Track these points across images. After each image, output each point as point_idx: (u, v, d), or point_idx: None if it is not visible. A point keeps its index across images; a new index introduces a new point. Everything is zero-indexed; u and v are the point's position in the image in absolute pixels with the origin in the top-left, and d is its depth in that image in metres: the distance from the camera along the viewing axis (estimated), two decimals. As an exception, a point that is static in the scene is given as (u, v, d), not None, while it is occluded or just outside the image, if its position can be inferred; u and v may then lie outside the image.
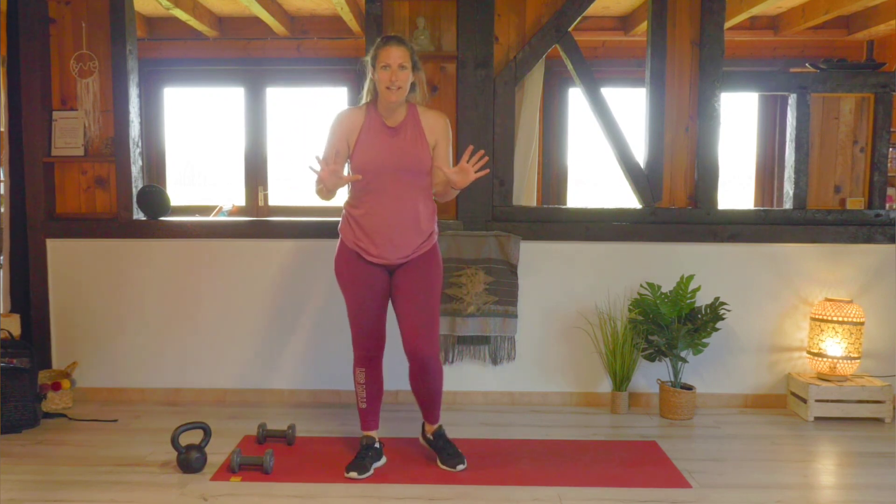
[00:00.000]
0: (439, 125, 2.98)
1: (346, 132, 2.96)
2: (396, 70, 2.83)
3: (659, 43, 3.83)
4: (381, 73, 2.85)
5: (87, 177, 4.00)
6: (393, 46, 2.85)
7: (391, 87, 2.84)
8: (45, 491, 2.84)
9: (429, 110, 3.03)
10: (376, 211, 2.92)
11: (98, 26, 3.90)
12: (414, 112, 2.98)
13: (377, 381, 3.09)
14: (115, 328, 3.95)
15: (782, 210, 3.93)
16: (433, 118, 2.99)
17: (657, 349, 3.72)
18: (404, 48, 2.87)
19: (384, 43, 2.88)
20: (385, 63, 2.84)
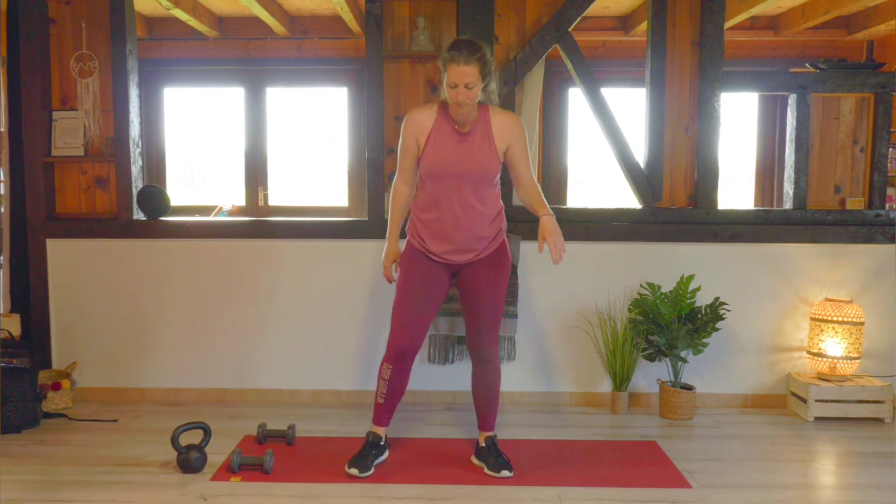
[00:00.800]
0: (509, 128, 2.92)
1: (415, 133, 2.94)
2: (463, 90, 2.77)
3: (659, 43, 3.84)
4: (449, 90, 2.80)
5: (87, 177, 4.00)
6: (461, 65, 2.73)
7: (458, 104, 2.81)
8: (45, 491, 2.84)
9: (501, 112, 2.97)
10: (441, 215, 2.93)
11: (98, 26, 3.90)
12: (485, 115, 2.92)
13: (401, 382, 3.06)
14: (115, 328, 3.95)
15: (782, 210, 3.93)
16: (503, 121, 2.93)
17: (657, 349, 3.72)
18: (473, 65, 2.74)
19: (452, 58, 2.75)
20: (453, 82, 2.77)
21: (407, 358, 3.02)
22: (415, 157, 2.96)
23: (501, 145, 2.92)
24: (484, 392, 3.09)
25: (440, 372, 3.93)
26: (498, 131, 2.91)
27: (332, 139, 6.23)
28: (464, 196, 2.89)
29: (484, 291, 2.98)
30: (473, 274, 2.99)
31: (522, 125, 2.97)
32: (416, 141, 2.94)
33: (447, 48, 2.82)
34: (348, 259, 3.91)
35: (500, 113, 2.96)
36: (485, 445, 3.08)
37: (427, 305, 3.00)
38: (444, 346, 3.86)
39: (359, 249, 3.88)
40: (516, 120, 2.97)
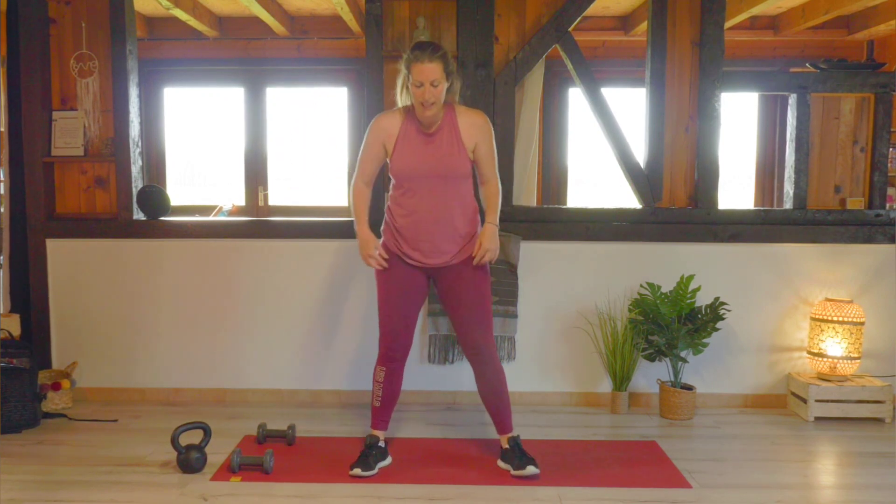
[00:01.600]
0: (476, 126, 2.95)
1: (383, 138, 2.97)
2: (429, 87, 2.80)
3: (659, 43, 3.84)
4: (415, 89, 2.82)
5: (87, 177, 4.00)
6: (426, 63, 2.78)
7: (425, 103, 2.83)
8: (45, 491, 2.84)
9: (467, 110, 2.99)
10: (414, 216, 2.95)
11: (98, 26, 3.90)
12: (451, 114, 2.95)
13: (395, 384, 3.08)
14: (115, 328, 3.95)
15: (782, 210, 3.93)
16: (470, 119, 2.96)
17: (657, 349, 3.72)
18: (437, 62, 2.80)
19: (416, 58, 2.81)
20: (418, 81, 2.80)
21: (397, 359, 3.05)
22: (380, 161, 3.01)
23: (469, 143, 2.95)
24: (490, 394, 3.06)
25: (440, 372, 3.93)
26: (465, 129, 2.94)
27: (332, 139, 6.23)
28: (436, 195, 2.93)
29: (466, 288, 2.98)
30: (452, 277, 3.01)
31: (489, 123, 2.99)
32: (382, 146, 2.97)
33: (409, 50, 2.87)
34: (348, 259, 3.90)
35: (467, 111, 2.99)
36: (508, 447, 3.06)
37: (407, 308, 3.04)
38: (444, 346, 3.86)
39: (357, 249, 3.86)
40: (483, 118, 2.99)
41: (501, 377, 3.05)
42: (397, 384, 3.09)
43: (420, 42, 2.93)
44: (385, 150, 2.98)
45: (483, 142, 2.96)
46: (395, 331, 3.02)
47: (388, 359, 3.05)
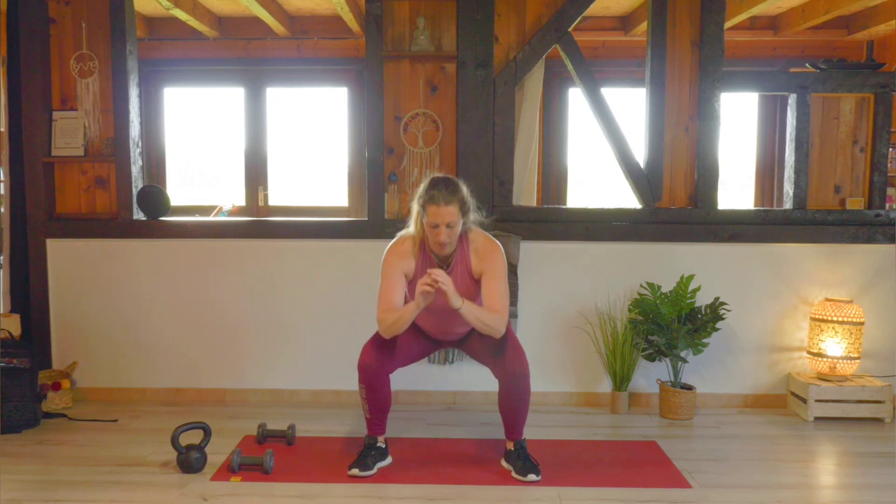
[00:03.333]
0: (487, 258, 2.92)
1: (403, 268, 2.95)
2: (444, 229, 2.81)
3: (659, 43, 3.84)
4: (430, 229, 2.83)
5: (87, 177, 4.00)
6: (441, 205, 2.78)
7: (440, 244, 2.84)
8: (45, 491, 2.84)
9: (482, 241, 2.96)
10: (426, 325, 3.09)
11: (98, 26, 3.90)
12: (464, 247, 2.95)
13: (380, 397, 3.03)
14: (115, 328, 3.95)
15: (782, 210, 3.93)
16: (482, 252, 2.94)
17: (657, 349, 3.72)
18: (454, 205, 2.80)
19: (431, 199, 2.80)
20: (434, 223, 2.81)
21: (375, 377, 2.97)
22: (403, 288, 2.95)
23: (477, 273, 2.95)
24: (511, 408, 3.03)
25: (440, 372, 3.93)
26: (475, 261, 2.95)
27: (332, 139, 6.23)
28: (450, 318, 2.96)
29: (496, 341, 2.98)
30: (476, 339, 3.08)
31: (501, 253, 2.95)
32: (404, 274, 2.94)
33: (425, 188, 2.85)
34: (348, 259, 3.91)
35: (480, 242, 2.97)
36: (513, 449, 3.06)
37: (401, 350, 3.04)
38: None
39: (359, 249, 3.88)
40: (495, 248, 2.95)
41: (527, 397, 3.02)
42: (385, 395, 3.04)
43: (435, 179, 2.88)
44: (406, 277, 2.96)
45: (487, 272, 2.91)
46: (378, 352, 2.98)
47: (365, 378, 2.98)
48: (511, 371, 2.94)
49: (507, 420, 3.06)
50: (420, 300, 2.76)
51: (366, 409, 3.06)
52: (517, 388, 2.97)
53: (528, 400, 3.03)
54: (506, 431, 3.09)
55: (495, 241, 2.99)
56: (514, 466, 2.99)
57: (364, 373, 2.97)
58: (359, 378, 3.00)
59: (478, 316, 2.83)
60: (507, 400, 3.01)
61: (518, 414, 3.04)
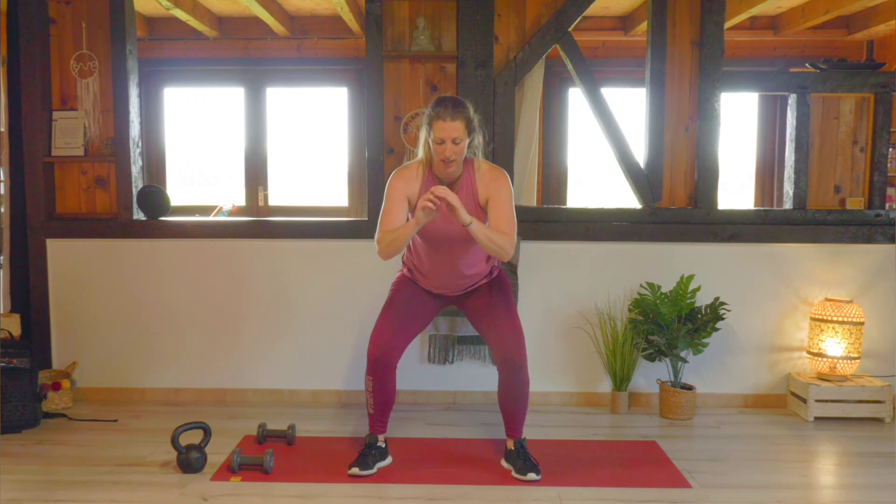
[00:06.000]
0: (493, 184, 2.89)
1: (406, 191, 2.91)
2: (450, 145, 2.78)
3: (659, 43, 3.84)
4: (436, 146, 2.80)
5: (87, 177, 4.00)
6: (448, 121, 2.76)
7: (446, 160, 2.81)
8: (45, 491, 2.84)
9: (486, 167, 2.94)
10: (430, 266, 3.02)
11: (98, 26, 3.90)
12: (470, 172, 2.91)
13: (386, 390, 3.03)
14: (115, 328, 3.95)
15: (782, 210, 3.93)
16: (487, 177, 2.91)
17: (657, 349, 3.72)
18: (460, 120, 2.78)
19: (437, 115, 2.78)
20: (440, 138, 2.78)
21: (384, 368, 2.98)
22: (406, 212, 2.92)
23: (483, 199, 2.92)
24: (510, 402, 3.02)
25: (440, 372, 3.94)
26: (481, 186, 2.92)
27: (332, 139, 6.23)
28: (455, 250, 2.95)
29: (493, 307, 3.01)
30: (476, 300, 3.08)
31: (507, 179, 2.93)
32: (406, 198, 2.91)
33: (431, 105, 2.84)
34: (348, 259, 3.91)
35: (485, 168, 2.94)
36: (513, 449, 3.06)
37: (408, 322, 3.04)
38: (444, 346, 3.86)
39: (359, 249, 3.88)
40: (500, 176, 2.93)
41: (526, 389, 3.02)
42: (390, 389, 3.04)
43: (442, 98, 2.86)
44: (409, 202, 2.93)
45: (494, 196, 2.88)
46: (386, 339, 2.97)
47: (374, 368, 2.98)
48: (510, 359, 2.93)
49: (506, 415, 3.06)
50: (421, 216, 2.70)
51: (370, 404, 3.05)
52: (516, 378, 2.97)
53: (527, 392, 3.02)
54: (506, 428, 3.09)
55: (501, 169, 2.97)
56: (514, 466, 2.99)
57: (373, 364, 2.97)
58: (367, 369, 3.00)
59: (487, 234, 2.76)
60: (506, 392, 3.01)
61: (518, 408, 3.03)
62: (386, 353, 2.96)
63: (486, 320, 3.03)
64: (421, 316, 3.11)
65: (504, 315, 3.00)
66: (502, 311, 3.01)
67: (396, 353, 2.99)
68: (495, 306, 3.02)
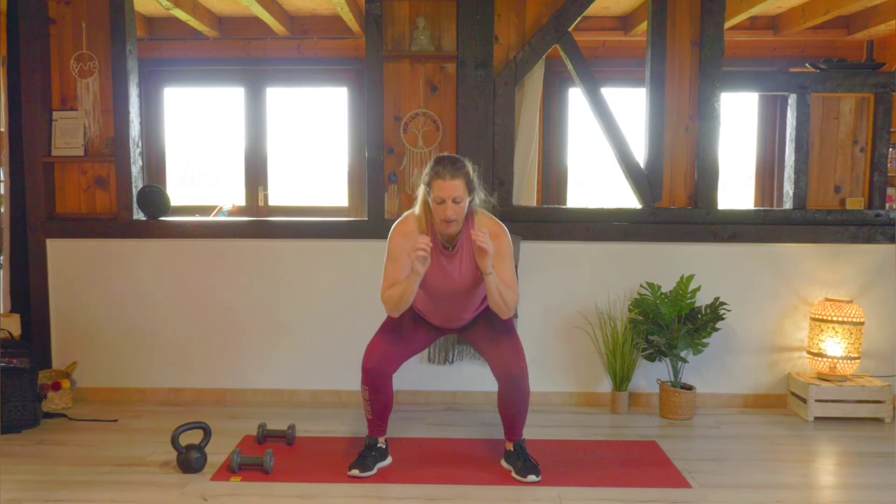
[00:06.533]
0: (494, 241, 2.85)
1: (408, 248, 2.87)
2: (451, 205, 2.79)
3: (659, 43, 3.83)
4: (437, 206, 2.81)
5: (87, 177, 4.00)
6: (447, 180, 2.77)
7: (447, 220, 2.82)
8: (45, 491, 2.84)
9: (486, 223, 2.93)
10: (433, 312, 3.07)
11: (98, 26, 3.90)
12: (470, 229, 2.89)
13: (383, 397, 3.03)
14: (115, 328, 3.95)
15: (782, 210, 3.93)
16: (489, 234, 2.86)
17: (657, 349, 3.72)
18: (459, 179, 2.78)
19: (437, 174, 2.79)
20: (440, 198, 2.79)
21: (379, 378, 2.98)
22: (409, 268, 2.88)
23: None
24: (512, 410, 3.03)
25: (440, 372, 3.93)
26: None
27: (332, 139, 6.23)
28: (454, 302, 3.00)
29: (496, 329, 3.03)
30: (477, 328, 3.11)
31: (508, 235, 2.94)
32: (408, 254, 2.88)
33: (431, 166, 2.85)
34: (348, 259, 3.91)
35: (485, 222, 2.94)
36: (513, 450, 3.06)
37: (406, 342, 3.06)
38: (444, 346, 3.86)
39: (359, 249, 3.87)
40: (501, 231, 2.93)
41: (526, 399, 3.03)
42: (387, 397, 3.05)
43: (441, 157, 2.88)
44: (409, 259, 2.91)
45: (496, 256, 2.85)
46: (381, 353, 2.99)
47: (369, 380, 2.98)
48: (509, 373, 2.94)
49: (506, 420, 3.06)
50: (417, 266, 2.74)
51: (368, 411, 3.06)
52: (515, 390, 2.97)
53: (527, 401, 3.03)
54: (505, 432, 3.09)
55: (501, 224, 2.98)
56: (514, 467, 3.00)
57: (368, 375, 2.97)
58: (362, 380, 3.00)
59: (500, 288, 2.81)
60: (506, 401, 3.01)
61: (517, 415, 3.04)
62: (381, 364, 2.97)
63: (487, 344, 3.05)
64: (419, 338, 3.13)
65: (504, 337, 3.02)
66: (502, 334, 3.02)
67: (392, 365, 3.01)
68: (495, 331, 3.04)
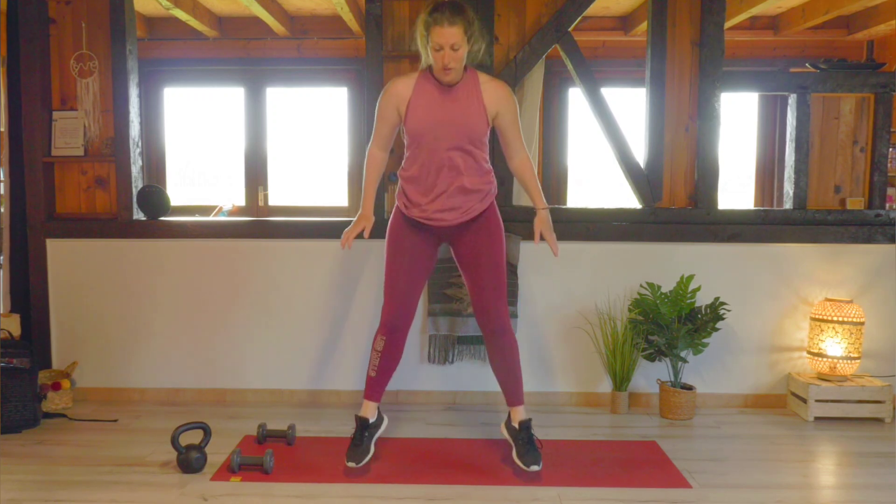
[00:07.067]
0: (500, 94, 2.83)
1: (395, 102, 2.86)
2: (449, 52, 2.70)
3: (659, 43, 3.84)
4: (434, 53, 2.73)
5: (87, 177, 4.00)
6: (445, 26, 2.66)
7: (445, 69, 2.74)
8: (45, 491, 2.84)
9: (491, 79, 2.89)
10: (424, 172, 2.89)
11: (98, 26, 3.90)
12: (473, 78, 2.85)
13: (394, 354, 3.02)
14: (115, 328, 3.95)
15: (782, 210, 3.93)
16: (494, 87, 2.86)
17: (657, 349, 3.72)
18: (458, 26, 2.68)
19: (435, 21, 2.68)
20: (437, 44, 2.70)
21: (400, 329, 2.99)
22: (393, 125, 2.94)
23: (491, 109, 2.85)
24: (503, 366, 3.00)
25: (440, 372, 3.94)
26: (488, 95, 2.85)
27: (332, 139, 6.23)
28: (446, 150, 2.85)
29: (482, 252, 2.96)
30: (465, 239, 3.00)
31: (513, 95, 2.90)
32: (396, 109, 2.87)
33: (428, 11, 2.75)
34: (348, 259, 3.91)
35: (491, 80, 2.90)
36: (518, 428, 3.00)
37: (414, 277, 3.01)
38: (444, 346, 3.86)
39: (359, 249, 3.88)
40: (507, 88, 2.90)
41: (515, 349, 2.99)
42: (397, 355, 3.03)
43: (439, 2, 2.74)
44: (399, 113, 2.88)
45: (507, 111, 2.83)
46: (400, 298, 2.96)
47: (390, 328, 2.97)
48: (491, 328, 2.93)
49: (502, 383, 3.05)
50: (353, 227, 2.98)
51: (373, 366, 3.03)
52: (501, 344, 2.95)
53: (517, 356, 3.00)
54: (505, 397, 3.06)
55: (505, 83, 2.92)
56: (516, 447, 2.96)
57: (387, 327, 2.97)
58: (380, 329, 2.99)
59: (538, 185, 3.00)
60: (496, 360, 3.01)
61: (510, 371, 3.01)
62: (401, 315, 2.97)
63: (472, 265, 2.97)
64: (423, 264, 3.04)
65: (487, 264, 2.95)
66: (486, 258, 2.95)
67: (411, 312, 3.00)
68: (480, 252, 2.95)
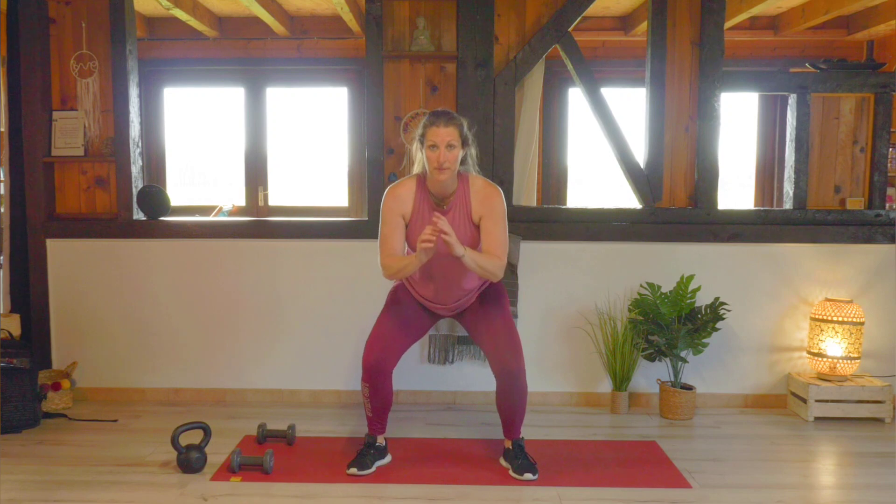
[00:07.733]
0: (487, 201, 2.91)
1: (400, 209, 2.95)
2: (444, 151, 2.80)
3: (659, 43, 3.84)
4: (429, 152, 2.83)
5: (87, 177, 4.00)
6: (441, 126, 2.81)
7: (440, 167, 2.82)
8: (45, 491, 2.84)
9: (481, 184, 2.96)
10: (425, 276, 3.04)
11: (98, 26, 3.90)
12: (465, 187, 2.94)
13: (383, 395, 3.03)
14: (115, 328, 3.95)
15: (782, 210, 3.93)
16: (482, 194, 2.93)
17: (657, 349, 3.72)
18: (453, 126, 2.83)
19: (431, 122, 2.84)
20: (433, 143, 2.81)
21: (379, 375, 2.97)
22: (402, 231, 2.98)
23: (476, 217, 2.94)
24: (509, 407, 3.02)
25: (440, 372, 3.94)
26: (475, 203, 2.94)
27: (332, 139, 6.23)
28: (449, 266, 2.95)
29: (492, 317, 3.03)
30: (473, 313, 3.09)
31: (502, 197, 2.95)
32: (401, 216, 2.95)
33: (425, 118, 2.89)
34: (348, 259, 3.91)
35: (480, 185, 2.96)
36: (511, 448, 3.06)
37: (404, 332, 3.06)
38: (444, 346, 3.86)
39: (359, 249, 3.88)
40: (494, 190, 2.95)
41: (524, 396, 3.01)
42: (387, 394, 3.04)
43: (436, 111, 2.93)
44: (404, 219, 2.97)
45: (488, 216, 2.90)
46: (381, 347, 2.98)
47: (371, 372, 2.97)
48: (506, 369, 2.93)
49: (504, 418, 3.06)
50: (422, 255, 2.77)
51: (367, 408, 3.06)
52: (513, 386, 2.96)
53: (524, 399, 3.02)
54: (504, 430, 3.09)
55: (496, 186, 2.99)
56: (512, 465, 3.00)
57: (368, 372, 2.97)
58: (362, 377, 3.00)
59: (478, 262, 2.83)
60: (504, 399, 3.00)
61: (515, 412, 3.03)
62: (381, 360, 2.96)
63: (482, 330, 3.04)
64: (416, 325, 3.13)
65: (500, 325, 3.01)
66: (498, 321, 3.02)
67: (392, 360, 3.00)
68: (491, 317, 3.04)
